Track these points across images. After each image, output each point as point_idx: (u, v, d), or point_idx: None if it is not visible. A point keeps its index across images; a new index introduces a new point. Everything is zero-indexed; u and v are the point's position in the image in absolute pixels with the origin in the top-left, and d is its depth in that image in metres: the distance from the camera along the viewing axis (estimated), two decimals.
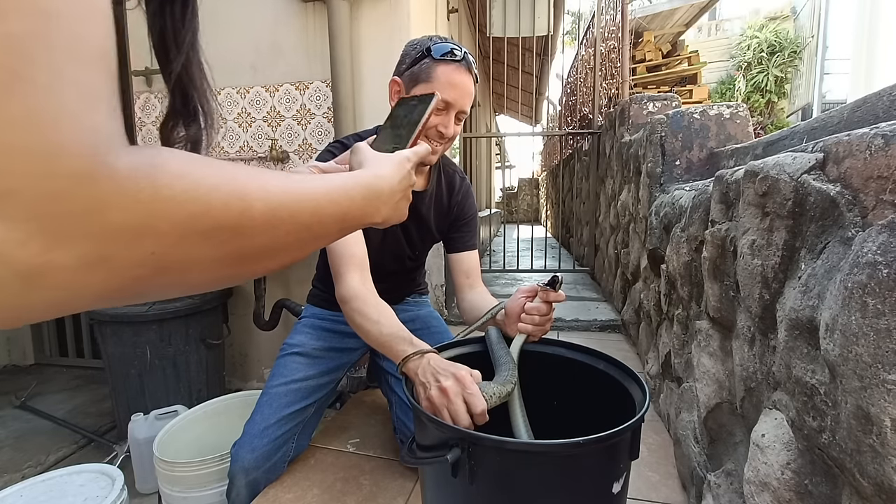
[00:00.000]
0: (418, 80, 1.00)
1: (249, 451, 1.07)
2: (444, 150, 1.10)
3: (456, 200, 1.23)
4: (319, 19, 2.05)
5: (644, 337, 1.72)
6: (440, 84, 0.98)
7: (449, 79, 0.98)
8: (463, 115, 1.04)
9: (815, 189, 0.58)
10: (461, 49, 1.00)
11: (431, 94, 0.61)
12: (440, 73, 0.98)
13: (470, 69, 1.00)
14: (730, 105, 1.48)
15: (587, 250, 3.44)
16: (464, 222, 1.23)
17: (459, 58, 0.98)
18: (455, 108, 1.01)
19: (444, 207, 1.22)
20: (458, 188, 1.23)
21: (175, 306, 1.90)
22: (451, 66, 0.98)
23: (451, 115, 1.02)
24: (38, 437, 2.06)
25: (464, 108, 1.02)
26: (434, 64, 0.98)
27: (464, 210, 1.23)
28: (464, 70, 0.99)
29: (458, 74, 0.99)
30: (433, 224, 1.21)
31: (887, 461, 0.43)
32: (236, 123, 2.23)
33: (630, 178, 2.05)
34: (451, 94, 0.99)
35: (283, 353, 1.22)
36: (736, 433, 0.85)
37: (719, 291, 0.88)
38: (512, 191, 11.83)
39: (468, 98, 1.02)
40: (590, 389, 0.85)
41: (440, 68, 0.98)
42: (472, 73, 1.01)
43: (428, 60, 0.99)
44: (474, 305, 1.12)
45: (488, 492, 0.66)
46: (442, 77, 0.98)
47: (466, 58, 0.99)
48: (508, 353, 0.86)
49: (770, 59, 11.46)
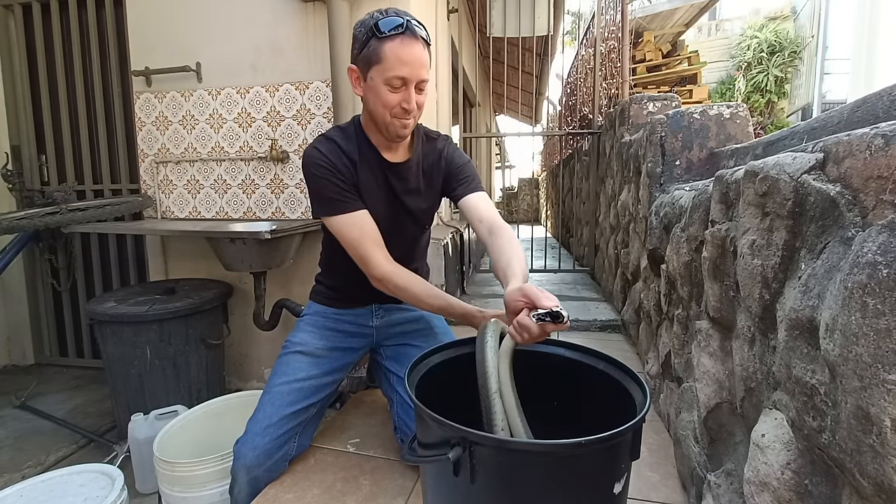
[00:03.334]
0: (370, 62, 1.00)
1: (251, 448, 1.07)
2: (415, 122, 1.11)
3: (443, 159, 1.22)
4: (319, 19, 2.05)
5: (644, 337, 1.72)
6: (391, 62, 0.97)
7: (397, 55, 0.97)
8: (423, 83, 1.04)
9: (815, 189, 0.58)
10: (404, 18, 0.98)
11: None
12: (387, 50, 0.97)
13: (417, 35, 0.98)
14: (730, 105, 1.47)
15: (587, 250, 3.44)
16: (457, 170, 1.22)
17: (403, 29, 0.96)
18: (411, 81, 1.01)
19: (432, 170, 1.22)
20: (442, 149, 1.23)
21: (175, 306, 1.90)
22: (397, 40, 0.97)
23: (410, 88, 1.02)
24: (38, 437, 2.06)
25: (421, 79, 1.02)
26: (381, 43, 0.97)
27: (454, 160, 1.23)
28: (411, 40, 0.98)
29: (405, 47, 0.97)
30: (424, 188, 1.22)
31: (887, 461, 0.43)
32: (236, 123, 2.23)
33: (630, 178, 2.05)
34: (404, 70, 0.98)
35: (286, 350, 1.21)
36: (736, 433, 0.86)
37: (719, 291, 0.88)
38: (512, 191, 11.82)
39: (423, 68, 1.01)
40: (590, 390, 0.85)
41: (386, 46, 0.97)
42: (421, 39, 1.00)
43: (374, 41, 0.98)
44: (495, 258, 1.04)
45: (489, 491, 0.66)
46: (390, 55, 0.97)
47: (410, 26, 0.97)
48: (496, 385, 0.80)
49: (770, 59, 11.45)
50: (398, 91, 1.01)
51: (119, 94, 2.50)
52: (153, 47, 2.25)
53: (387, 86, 1.00)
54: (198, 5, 2.19)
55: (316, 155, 1.10)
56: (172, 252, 2.42)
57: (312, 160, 1.10)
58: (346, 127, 1.18)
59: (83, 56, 2.54)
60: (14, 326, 2.77)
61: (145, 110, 2.32)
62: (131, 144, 2.45)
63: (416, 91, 1.04)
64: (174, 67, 2.19)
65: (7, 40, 2.58)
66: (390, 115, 1.05)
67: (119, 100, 2.50)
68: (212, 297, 2.05)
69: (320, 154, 1.10)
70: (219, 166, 2.29)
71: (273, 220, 2.25)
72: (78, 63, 2.53)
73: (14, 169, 2.58)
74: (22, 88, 2.61)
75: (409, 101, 1.03)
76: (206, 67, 2.22)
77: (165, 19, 2.23)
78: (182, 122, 2.29)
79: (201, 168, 2.31)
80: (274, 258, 2.01)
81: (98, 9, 2.47)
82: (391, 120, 1.05)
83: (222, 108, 2.24)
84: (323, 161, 1.09)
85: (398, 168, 1.17)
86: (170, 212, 2.38)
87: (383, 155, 1.15)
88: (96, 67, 2.50)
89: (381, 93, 1.02)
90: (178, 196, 2.36)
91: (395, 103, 1.02)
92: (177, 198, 2.36)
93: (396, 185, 1.17)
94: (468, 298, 2.92)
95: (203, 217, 2.35)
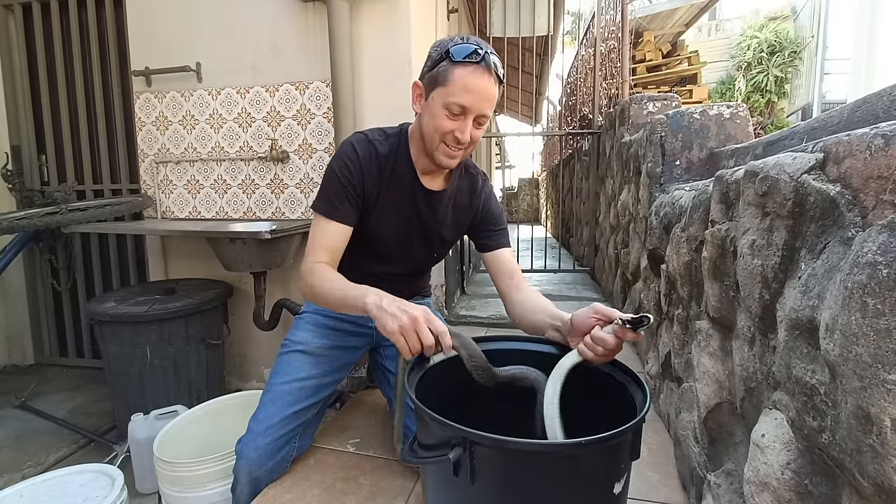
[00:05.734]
0: (436, 83, 0.96)
1: (254, 448, 1.07)
2: (465, 156, 1.06)
3: (479, 201, 1.19)
4: (319, 19, 2.05)
5: (644, 337, 1.72)
6: (456, 87, 0.93)
7: (465, 83, 0.93)
8: (484, 118, 0.99)
9: (815, 189, 0.58)
10: (483, 49, 0.94)
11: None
12: (457, 76, 0.93)
13: (490, 70, 0.94)
14: (730, 105, 1.48)
15: (587, 250, 3.44)
16: (493, 219, 1.19)
17: (478, 59, 0.93)
18: (471, 112, 0.96)
19: (464, 207, 1.19)
20: (479, 189, 1.20)
21: (175, 306, 1.90)
22: (469, 68, 0.93)
23: (468, 119, 0.97)
24: (38, 437, 2.06)
25: (482, 113, 0.97)
26: (451, 67, 0.93)
27: (489, 210, 1.20)
28: (483, 72, 0.93)
29: (475, 78, 0.93)
30: (450, 223, 1.19)
31: (887, 461, 0.44)
32: (236, 123, 2.23)
33: (630, 178, 2.05)
34: (467, 99, 0.94)
35: (286, 349, 1.21)
36: (736, 433, 0.86)
37: (719, 291, 0.88)
38: (512, 191, 11.82)
39: (487, 102, 0.96)
40: (590, 390, 0.85)
41: (457, 71, 0.93)
42: (494, 74, 0.95)
43: (446, 63, 0.94)
44: (529, 308, 1.05)
45: (490, 491, 0.66)
46: (458, 81, 0.93)
47: (486, 58, 0.93)
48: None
49: (770, 59, 11.45)
50: (455, 119, 0.96)
51: (119, 94, 2.50)
52: (153, 47, 2.25)
53: (445, 110, 0.96)
54: (198, 5, 2.19)
55: (349, 152, 1.07)
56: (172, 252, 2.42)
57: (343, 155, 1.07)
58: (393, 134, 1.12)
59: (83, 56, 2.54)
60: (14, 326, 2.77)
61: (145, 110, 2.32)
62: (131, 144, 2.45)
63: (474, 124, 0.99)
64: (174, 67, 2.19)
65: (7, 40, 2.58)
66: (440, 140, 0.99)
67: (119, 100, 2.50)
68: (212, 297, 2.05)
69: (353, 153, 1.06)
70: (219, 166, 2.29)
71: (273, 220, 2.25)
72: (78, 63, 2.53)
73: (14, 169, 2.58)
74: (22, 88, 2.61)
75: (463, 131, 0.97)
76: (206, 67, 2.22)
77: (165, 19, 2.23)
78: (182, 122, 2.29)
79: (201, 168, 2.31)
80: (274, 258, 2.01)
81: (98, 9, 2.47)
82: (440, 145, 1.00)
83: (222, 108, 2.24)
84: (350, 162, 1.06)
85: (431, 196, 1.12)
86: (170, 212, 2.38)
87: (420, 178, 1.11)
88: (96, 67, 2.50)
89: (438, 115, 0.97)
90: (178, 196, 2.36)
91: (449, 130, 0.97)
92: (177, 198, 2.36)
93: (424, 212, 1.14)
94: (468, 298, 2.92)
95: (203, 217, 2.35)
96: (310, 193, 2.20)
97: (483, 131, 1.02)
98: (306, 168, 2.19)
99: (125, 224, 2.30)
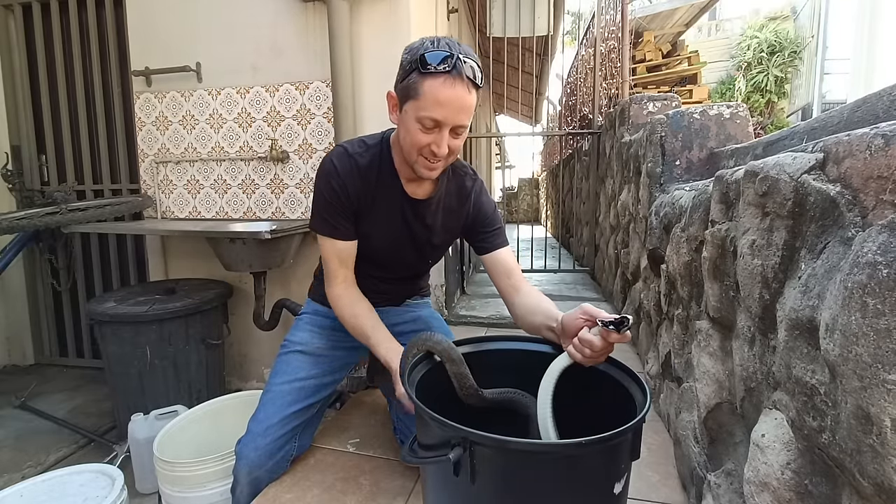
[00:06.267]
0: (408, 95, 0.91)
1: (254, 448, 1.07)
2: (446, 165, 1.02)
3: (470, 203, 1.16)
4: (319, 19, 2.05)
5: (644, 337, 1.72)
6: (427, 101, 0.88)
7: (436, 95, 0.88)
8: (461, 129, 0.94)
9: (815, 189, 0.58)
10: (455, 55, 0.87)
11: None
12: (427, 89, 0.88)
13: (462, 76, 0.88)
14: (730, 105, 1.48)
15: (587, 250, 3.44)
16: (486, 220, 1.16)
17: (449, 68, 0.87)
18: (446, 125, 0.91)
19: (454, 212, 1.16)
20: (469, 190, 1.16)
21: (175, 306, 1.90)
22: (440, 79, 0.87)
23: (444, 132, 0.92)
24: (38, 437, 2.06)
25: (458, 124, 0.92)
26: (421, 79, 0.88)
27: (481, 210, 1.16)
28: (454, 81, 0.87)
29: (446, 89, 0.87)
30: (440, 230, 1.16)
31: (887, 461, 0.43)
32: (236, 123, 2.23)
33: (630, 178, 2.05)
34: (440, 113, 0.89)
35: (286, 349, 1.21)
36: (736, 433, 0.86)
37: (719, 291, 0.88)
38: (512, 191, 11.82)
39: (462, 113, 0.91)
40: (590, 390, 0.85)
41: (427, 83, 0.88)
42: (467, 81, 0.89)
43: (415, 75, 0.89)
44: (528, 311, 1.04)
45: (490, 491, 0.66)
46: (429, 94, 0.88)
47: (458, 66, 0.87)
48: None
49: (770, 59, 11.45)
50: (430, 132, 0.92)
51: (119, 94, 2.50)
52: (153, 47, 2.25)
53: (419, 124, 0.91)
54: (198, 5, 2.19)
55: (330, 170, 1.04)
56: (172, 252, 2.42)
57: (324, 172, 1.05)
58: (374, 144, 1.09)
59: (83, 56, 2.54)
60: (14, 326, 2.77)
61: (145, 110, 2.32)
62: (131, 144, 2.45)
63: (451, 135, 0.94)
64: (174, 67, 2.19)
65: (7, 40, 2.58)
66: (417, 154, 0.96)
67: (119, 100, 2.50)
68: (212, 297, 2.05)
69: (334, 170, 1.04)
70: (219, 166, 2.29)
71: (273, 220, 2.25)
72: (78, 63, 2.53)
73: (14, 169, 2.58)
74: (22, 88, 2.61)
75: (440, 144, 0.93)
76: (206, 67, 2.22)
77: (165, 19, 2.23)
78: (182, 122, 2.29)
79: (201, 168, 2.31)
80: (274, 258, 2.01)
81: (98, 9, 2.47)
82: (417, 159, 0.97)
83: (222, 108, 2.24)
84: (333, 180, 1.04)
85: (418, 205, 1.10)
86: (170, 212, 2.38)
87: (405, 188, 1.09)
88: (96, 67, 2.50)
89: (412, 130, 0.93)
90: (178, 196, 2.36)
91: (425, 144, 0.93)
92: (177, 198, 2.36)
93: (412, 221, 1.12)
94: (468, 298, 2.92)
95: (203, 217, 2.35)
96: (310, 193, 2.20)
97: (463, 139, 0.98)
98: (306, 168, 2.19)
99: (125, 224, 2.30)
